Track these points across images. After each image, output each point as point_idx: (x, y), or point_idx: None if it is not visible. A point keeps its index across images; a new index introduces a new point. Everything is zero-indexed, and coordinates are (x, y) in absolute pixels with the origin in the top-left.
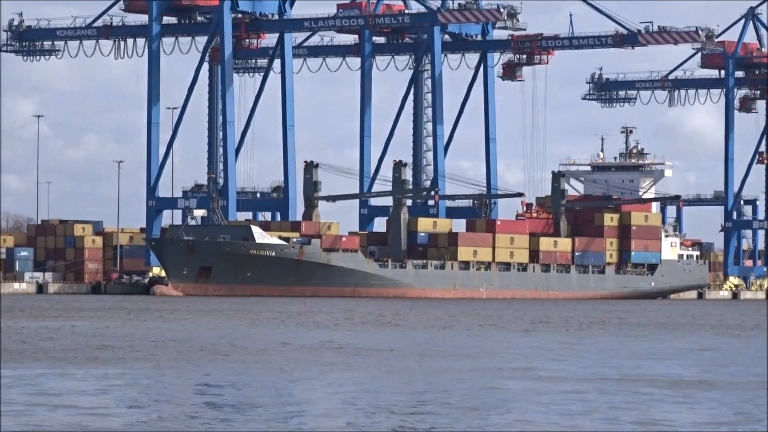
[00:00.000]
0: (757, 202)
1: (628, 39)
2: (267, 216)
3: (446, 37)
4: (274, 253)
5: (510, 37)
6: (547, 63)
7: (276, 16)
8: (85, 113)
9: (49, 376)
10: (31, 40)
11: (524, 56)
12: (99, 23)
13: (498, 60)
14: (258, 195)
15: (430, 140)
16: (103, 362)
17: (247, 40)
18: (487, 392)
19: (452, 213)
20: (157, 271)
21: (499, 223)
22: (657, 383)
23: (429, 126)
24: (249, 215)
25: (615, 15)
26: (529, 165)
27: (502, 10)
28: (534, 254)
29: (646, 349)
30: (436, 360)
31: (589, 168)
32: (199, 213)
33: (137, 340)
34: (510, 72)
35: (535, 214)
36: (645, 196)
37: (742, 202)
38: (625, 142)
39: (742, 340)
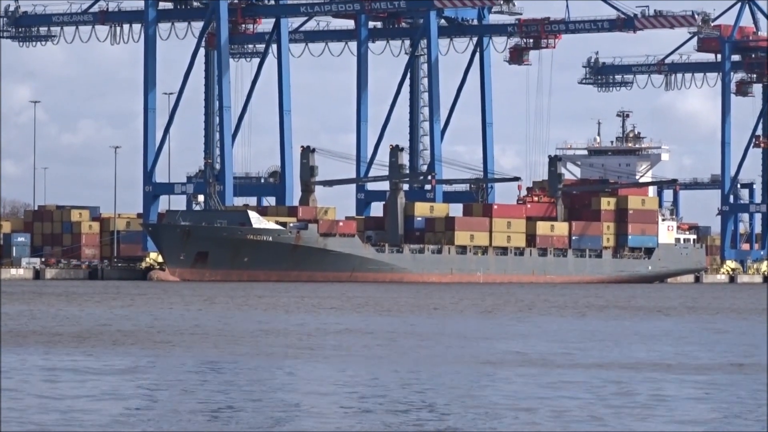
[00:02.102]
0: (754, 186)
1: (628, 23)
2: (272, 201)
3: (442, 21)
4: (270, 238)
5: (516, 21)
6: (554, 47)
7: (272, 1)
8: (82, 99)
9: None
10: (27, 26)
11: (531, 40)
12: (95, 9)
13: (506, 45)
14: (262, 180)
15: (426, 125)
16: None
17: (243, 25)
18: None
19: (449, 197)
20: (154, 256)
21: (496, 207)
22: None
23: (426, 111)
24: (248, 200)
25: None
26: (531, 149)
27: None
28: (531, 238)
29: None
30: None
31: (585, 152)
32: (203, 198)
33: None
34: (517, 56)
35: (536, 198)
36: (642, 180)
37: (738, 185)
38: (622, 126)
39: None
